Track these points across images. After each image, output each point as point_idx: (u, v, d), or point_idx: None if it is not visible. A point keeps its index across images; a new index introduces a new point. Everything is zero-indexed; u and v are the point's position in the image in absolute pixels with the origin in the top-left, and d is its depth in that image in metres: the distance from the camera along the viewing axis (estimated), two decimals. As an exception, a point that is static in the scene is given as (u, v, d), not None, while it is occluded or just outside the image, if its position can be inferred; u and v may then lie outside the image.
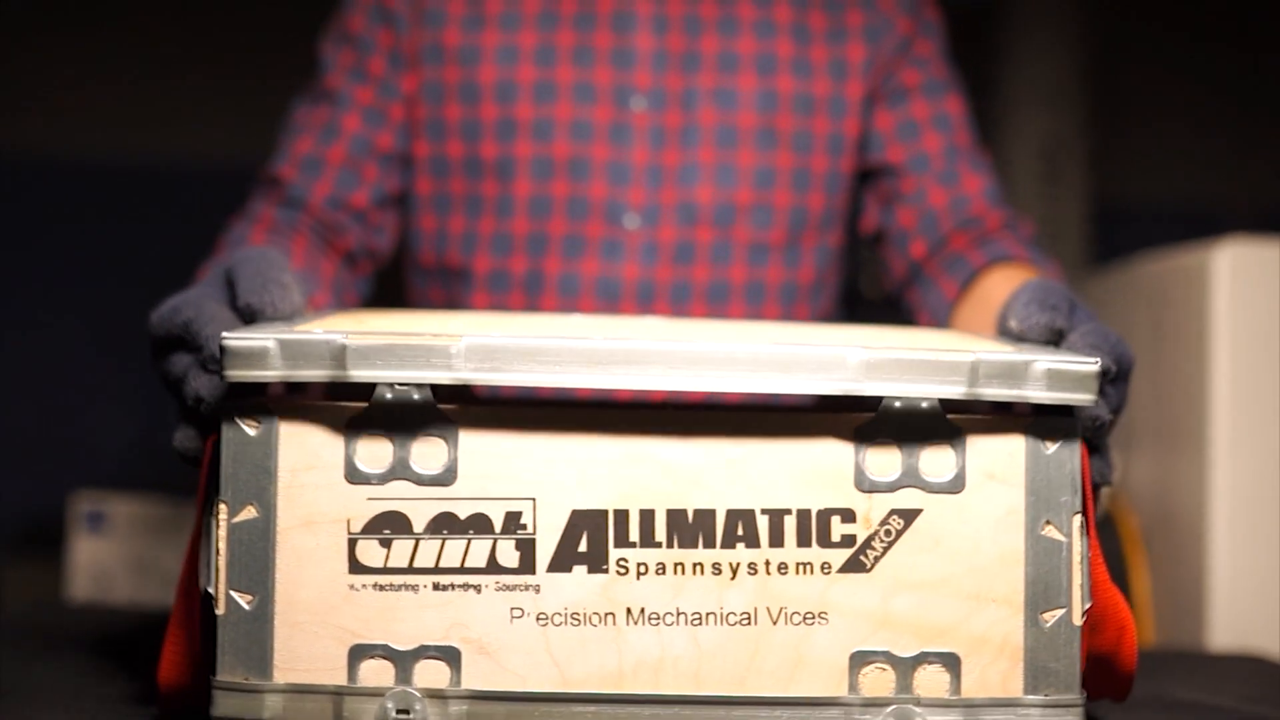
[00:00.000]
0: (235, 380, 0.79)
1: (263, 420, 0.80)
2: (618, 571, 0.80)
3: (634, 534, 0.80)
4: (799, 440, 0.81)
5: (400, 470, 0.80)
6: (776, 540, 0.80)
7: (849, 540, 0.80)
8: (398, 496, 0.80)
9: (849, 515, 0.81)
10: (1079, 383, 0.81)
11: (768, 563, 0.80)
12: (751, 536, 0.80)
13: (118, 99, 3.88)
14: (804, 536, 0.80)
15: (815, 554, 0.80)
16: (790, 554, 0.80)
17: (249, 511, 0.80)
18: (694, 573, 0.80)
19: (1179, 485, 1.64)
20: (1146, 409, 1.74)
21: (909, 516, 0.81)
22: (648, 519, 0.80)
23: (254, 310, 0.91)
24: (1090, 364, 0.81)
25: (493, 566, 0.80)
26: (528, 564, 0.80)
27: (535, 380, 0.79)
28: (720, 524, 0.80)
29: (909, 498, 0.81)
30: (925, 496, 0.81)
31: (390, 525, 0.80)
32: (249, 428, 0.80)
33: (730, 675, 0.80)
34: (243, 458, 0.80)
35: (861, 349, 0.80)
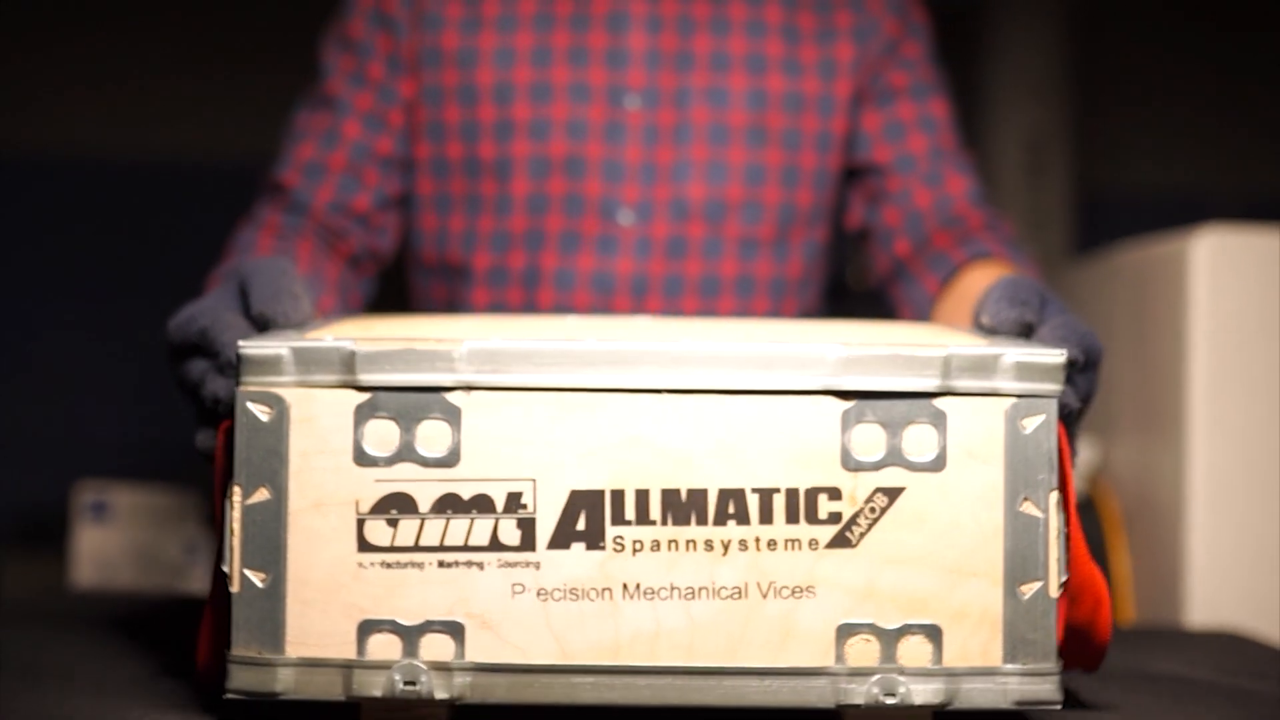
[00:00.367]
0: (251, 386, 0.83)
1: (275, 407, 0.83)
2: (614, 548, 0.83)
3: (630, 512, 0.83)
4: (788, 423, 0.84)
5: (406, 453, 0.83)
6: (766, 518, 0.83)
7: (835, 517, 0.84)
8: (404, 478, 0.83)
9: (835, 494, 0.84)
10: (1046, 373, 0.84)
11: (758, 539, 0.84)
12: (742, 514, 0.83)
13: (118, 99, 3.87)
14: (792, 514, 0.83)
15: (803, 531, 0.84)
16: (779, 531, 0.83)
17: (262, 494, 0.83)
18: (687, 549, 0.83)
19: (1158, 469, 1.66)
20: (1127, 395, 1.75)
21: (893, 494, 0.84)
22: (643, 498, 0.83)
23: (267, 319, 0.94)
24: (1056, 355, 0.85)
25: (495, 544, 0.83)
26: (528, 542, 0.83)
27: (534, 380, 0.83)
28: (712, 503, 0.83)
29: (893, 476, 0.84)
30: (908, 475, 0.84)
31: (397, 506, 0.83)
32: (262, 414, 0.83)
33: (722, 647, 0.84)
34: (256, 443, 0.83)
35: (840, 345, 0.84)
